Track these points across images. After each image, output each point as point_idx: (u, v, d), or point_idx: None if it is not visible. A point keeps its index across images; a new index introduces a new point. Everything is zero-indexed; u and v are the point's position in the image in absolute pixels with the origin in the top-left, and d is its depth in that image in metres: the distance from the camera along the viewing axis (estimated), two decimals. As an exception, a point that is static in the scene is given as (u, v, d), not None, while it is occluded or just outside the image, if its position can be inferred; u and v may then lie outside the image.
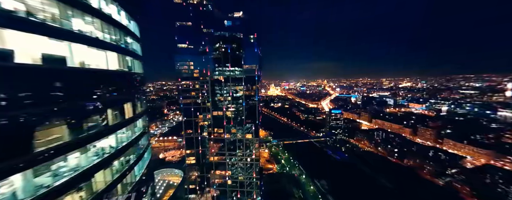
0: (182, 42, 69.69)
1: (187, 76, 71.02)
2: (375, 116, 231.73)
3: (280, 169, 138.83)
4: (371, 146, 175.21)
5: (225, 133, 64.50)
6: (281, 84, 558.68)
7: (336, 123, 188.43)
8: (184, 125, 73.34)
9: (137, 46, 23.86)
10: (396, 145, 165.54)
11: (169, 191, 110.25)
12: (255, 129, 64.08)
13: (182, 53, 70.35)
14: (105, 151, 15.74)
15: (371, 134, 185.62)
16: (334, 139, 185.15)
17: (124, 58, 19.16)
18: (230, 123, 63.77)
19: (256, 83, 61.99)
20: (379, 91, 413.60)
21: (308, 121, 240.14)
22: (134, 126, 20.86)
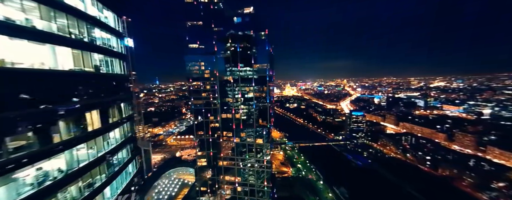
0: (193, 42, 66.86)
1: (198, 77, 68.12)
2: (402, 118, 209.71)
3: (295, 172, 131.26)
4: (398, 152, 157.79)
5: (234, 137, 60.09)
6: (297, 84, 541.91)
7: (357, 126, 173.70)
8: (195, 127, 70.73)
9: (116, 43, 20.21)
10: (428, 151, 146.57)
11: (184, 190, 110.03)
12: (266, 133, 58.54)
13: (193, 54, 67.57)
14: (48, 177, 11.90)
15: (398, 138, 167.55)
16: (355, 142, 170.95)
17: (88, 56, 15.37)
18: (240, 126, 59.13)
19: (267, 84, 56.37)
20: (407, 91, 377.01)
21: (326, 123, 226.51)
22: (106, 138, 17.09)
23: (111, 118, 17.89)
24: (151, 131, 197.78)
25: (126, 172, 19.92)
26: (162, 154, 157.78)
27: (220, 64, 60.01)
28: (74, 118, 13.61)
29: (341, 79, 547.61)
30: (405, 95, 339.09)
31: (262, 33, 55.69)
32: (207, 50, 63.31)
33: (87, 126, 14.73)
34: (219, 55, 59.22)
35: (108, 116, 17.38)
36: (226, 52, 57.92)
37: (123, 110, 20.35)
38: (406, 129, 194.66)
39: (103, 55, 17.44)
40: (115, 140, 18.44)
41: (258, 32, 55.65)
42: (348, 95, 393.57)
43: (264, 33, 55.59)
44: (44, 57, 11.98)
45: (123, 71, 21.34)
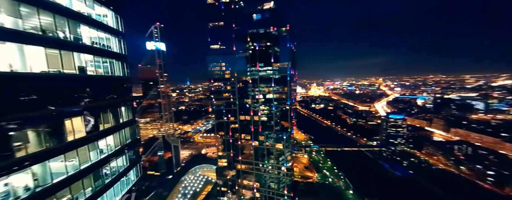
0: (214, 43, 66.26)
1: (219, 78, 67.30)
2: (454, 123, 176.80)
3: (320, 178, 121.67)
4: (449, 164, 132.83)
5: (252, 140, 56.90)
6: (324, 83, 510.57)
7: (395, 131, 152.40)
8: (216, 127, 70.19)
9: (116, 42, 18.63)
10: (490, 165, 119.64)
11: (208, 187, 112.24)
12: (286, 137, 53.56)
13: (214, 54, 66.89)
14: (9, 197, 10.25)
15: (448, 147, 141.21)
16: (392, 150, 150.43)
17: (70, 57, 13.73)
18: (259, 129, 55.63)
19: (288, 84, 51.36)
20: (460, 91, 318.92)
21: (357, 126, 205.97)
22: (94, 147, 15.42)
23: (102, 124, 16.32)
24: (181, 128, 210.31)
25: (123, 182, 18.35)
26: (189, 150, 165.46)
27: (239, 64, 57.56)
28: (47, 126, 12.00)
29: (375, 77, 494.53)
30: (458, 96, 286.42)
31: (283, 29, 50.93)
32: (227, 51, 61.82)
33: (66, 135, 13.12)
34: (238, 54, 56.71)
35: (98, 122, 15.77)
36: (244, 52, 55.05)
37: (123, 114, 18.82)
38: (460, 136, 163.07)
39: (94, 56, 15.92)
40: (108, 148, 16.92)
41: (279, 29, 51.11)
42: (384, 95, 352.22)
43: (285, 29, 50.69)
44: (9, 58, 10.40)
45: (123, 73, 19.80)
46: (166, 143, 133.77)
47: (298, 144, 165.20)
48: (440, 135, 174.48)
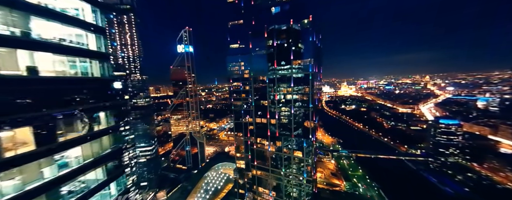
0: (233, 42, 62.92)
1: (237, 78, 63.80)
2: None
3: (350, 187, 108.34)
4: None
5: (269, 145, 51.44)
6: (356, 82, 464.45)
7: (447, 138, 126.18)
8: (235, 128, 67.18)
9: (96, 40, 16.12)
10: None
11: (229, 185, 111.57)
12: (307, 144, 46.23)
13: (234, 54, 63.64)
14: None
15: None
16: (441, 161, 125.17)
17: (13, 55, 11.24)
18: (276, 134, 49.74)
19: (311, 83, 43.98)
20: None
21: (396, 131, 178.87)
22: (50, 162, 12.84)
23: (64, 133, 13.84)
24: (207, 126, 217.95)
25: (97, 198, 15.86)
26: (214, 147, 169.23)
27: (256, 63, 52.39)
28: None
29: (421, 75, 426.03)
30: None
31: (305, 22, 43.52)
32: (246, 50, 57.77)
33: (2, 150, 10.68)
34: (254, 52, 51.69)
35: (56, 132, 13.26)
36: (261, 49, 49.84)
37: (102, 120, 16.37)
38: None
39: (56, 54, 13.49)
40: (77, 161, 14.49)
41: (300, 21, 44.02)
42: (431, 96, 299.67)
43: (308, 21, 43.24)
44: None
45: (103, 74, 17.31)
46: (192, 139, 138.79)
47: (325, 148, 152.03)
48: (510, 146, 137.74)
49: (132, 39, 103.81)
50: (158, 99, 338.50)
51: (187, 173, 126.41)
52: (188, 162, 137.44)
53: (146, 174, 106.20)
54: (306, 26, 43.68)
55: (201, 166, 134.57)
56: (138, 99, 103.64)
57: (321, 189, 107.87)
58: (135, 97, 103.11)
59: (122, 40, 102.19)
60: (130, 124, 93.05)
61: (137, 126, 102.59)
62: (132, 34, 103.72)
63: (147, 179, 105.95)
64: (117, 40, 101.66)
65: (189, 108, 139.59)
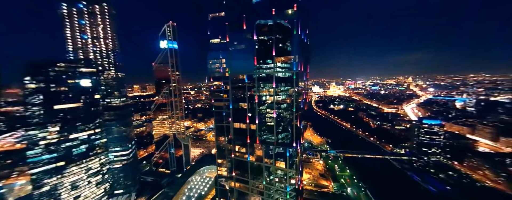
0: (214, 37, 55.90)
1: (219, 76, 57.11)
2: (504, 131, 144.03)
3: (337, 188, 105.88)
4: (500, 181, 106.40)
5: (248, 154, 45.49)
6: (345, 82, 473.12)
7: (430, 138, 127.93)
8: (216, 131, 60.55)
9: None
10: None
11: (213, 190, 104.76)
12: (291, 154, 40.74)
13: (215, 49, 56.66)
14: None
15: (498, 160, 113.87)
16: (425, 160, 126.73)
17: None
18: (256, 141, 43.76)
19: (295, 84, 38.44)
20: (510, 92, 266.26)
21: (381, 130, 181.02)
22: None
23: None
24: (195, 126, 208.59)
25: None
26: (201, 149, 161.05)
27: (234, 59, 45.96)
28: None
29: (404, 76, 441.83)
30: (507, 98, 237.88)
31: (289, 12, 38.00)
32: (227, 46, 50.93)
33: None
34: (232, 47, 45.16)
35: None
36: (240, 43, 43.51)
37: None
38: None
39: None
40: None
41: (283, 11, 38.22)
42: (414, 96, 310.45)
43: (292, 11, 37.69)
44: None
45: None
46: (177, 141, 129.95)
47: (313, 148, 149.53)
48: (487, 144, 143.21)
49: (105, 32, 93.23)
50: (144, 98, 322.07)
51: (170, 178, 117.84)
52: (171, 166, 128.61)
53: (123, 181, 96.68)
54: (291, 16, 37.91)
55: (186, 170, 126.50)
56: (113, 98, 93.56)
57: (309, 190, 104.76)
58: (109, 97, 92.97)
59: (94, 32, 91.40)
60: (102, 126, 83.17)
61: (111, 128, 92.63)
62: (106, 27, 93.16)
63: (123, 186, 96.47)
64: (88, 33, 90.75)
65: (173, 108, 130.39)
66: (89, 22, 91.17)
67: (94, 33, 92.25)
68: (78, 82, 74.51)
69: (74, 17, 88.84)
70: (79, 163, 75.87)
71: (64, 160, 72.04)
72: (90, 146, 79.05)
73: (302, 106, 43.87)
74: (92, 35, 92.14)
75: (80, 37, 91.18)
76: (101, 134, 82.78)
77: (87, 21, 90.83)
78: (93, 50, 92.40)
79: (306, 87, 48.70)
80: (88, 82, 79.34)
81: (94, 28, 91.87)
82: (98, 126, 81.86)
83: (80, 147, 76.24)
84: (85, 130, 77.89)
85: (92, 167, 79.31)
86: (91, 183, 78.85)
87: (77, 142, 74.72)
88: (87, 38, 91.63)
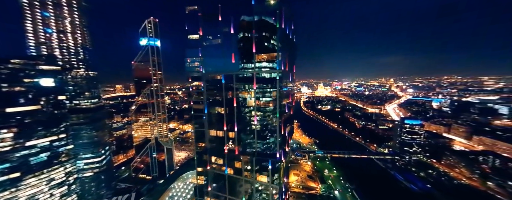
0: (193, 32, 49.54)
1: (199, 76, 50.95)
2: (476, 130, 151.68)
3: (325, 190, 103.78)
4: (474, 178, 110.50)
5: (226, 166, 39.95)
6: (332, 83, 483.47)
7: (411, 137, 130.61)
8: (195, 137, 54.31)
9: None
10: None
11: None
12: (274, 165, 35.52)
13: (194, 46, 50.32)
14: None
15: (472, 158, 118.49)
16: (407, 159, 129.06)
17: None
18: (234, 152, 38.25)
19: (279, 85, 33.55)
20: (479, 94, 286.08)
21: (366, 130, 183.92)
22: None
23: None
24: (181, 128, 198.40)
25: None
26: (186, 152, 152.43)
27: (209, 55, 40.11)
28: None
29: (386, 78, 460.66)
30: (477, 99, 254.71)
31: (271, 2, 33.09)
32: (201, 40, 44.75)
33: None
34: (207, 42, 39.42)
35: None
36: (215, 38, 37.94)
37: None
38: (484, 145, 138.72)
39: None
40: None
41: (265, 1, 33.16)
42: (395, 97, 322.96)
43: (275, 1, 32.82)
44: None
45: None
46: (159, 145, 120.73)
47: (302, 149, 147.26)
48: (461, 143, 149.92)
49: (74, 26, 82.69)
50: (126, 98, 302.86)
51: (151, 184, 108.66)
52: (153, 171, 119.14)
53: (95, 190, 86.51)
54: (273, 7, 32.90)
55: (169, 175, 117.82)
56: (83, 100, 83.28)
57: (297, 193, 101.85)
58: (78, 98, 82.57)
59: (60, 26, 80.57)
60: (69, 130, 73.11)
61: (80, 133, 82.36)
62: (74, 20, 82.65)
63: (95, 196, 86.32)
64: (53, 27, 79.79)
65: (155, 110, 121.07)
66: (54, 14, 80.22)
67: (60, 27, 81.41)
68: (37, 81, 64.30)
69: (36, 8, 77.55)
70: (39, 174, 65.53)
71: (19, 171, 61.63)
72: (53, 153, 68.84)
73: (287, 110, 39.24)
74: (58, 29, 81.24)
75: (44, 31, 79.91)
76: (67, 139, 72.64)
77: (51, 13, 79.84)
78: (59, 46, 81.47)
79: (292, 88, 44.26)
80: (51, 81, 69.20)
81: (60, 21, 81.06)
82: (64, 130, 71.74)
83: (40, 155, 65.94)
84: (47, 136, 67.61)
85: (55, 178, 69.06)
86: (54, 196, 68.64)
87: (36, 150, 64.41)
88: (52, 32, 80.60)
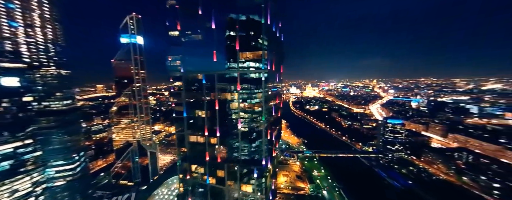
0: (174, 29, 45.99)
1: (180, 76, 47.38)
2: (451, 128, 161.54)
3: (313, 190, 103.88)
4: (451, 174, 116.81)
5: (207, 175, 36.84)
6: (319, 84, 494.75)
7: (394, 136, 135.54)
8: (177, 142, 50.64)
9: None
10: (494, 176, 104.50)
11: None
12: (260, 174, 32.93)
13: (175, 44, 46.72)
14: None
15: (448, 155, 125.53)
16: (390, 157, 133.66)
17: None
18: (216, 159, 35.21)
19: (265, 86, 31.23)
20: (452, 94, 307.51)
21: (352, 130, 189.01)
22: None
23: None
24: (167, 130, 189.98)
25: None
26: (173, 155, 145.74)
27: (188, 54, 36.94)
28: None
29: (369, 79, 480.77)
30: (450, 99, 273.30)
31: None
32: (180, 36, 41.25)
33: None
34: (185, 38, 36.26)
35: None
36: (194, 33, 34.92)
37: None
38: (458, 142, 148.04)
39: None
40: None
41: None
42: (378, 97, 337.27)
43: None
44: None
45: None
46: (142, 149, 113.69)
47: (291, 150, 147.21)
48: (438, 140, 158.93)
49: (43, 19, 74.69)
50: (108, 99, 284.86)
51: (132, 191, 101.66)
52: (136, 177, 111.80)
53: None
54: (257, 1, 30.48)
55: (153, 180, 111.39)
56: (53, 101, 75.40)
57: (286, 194, 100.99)
58: (47, 99, 74.60)
59: (27, 20, 72.31)
60: (36, 135, 65.56)
61: (51, 138, 74.48)
62: (44, 13, 74.70)
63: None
64: (19, 20, 71.41)
65: (137, 112, 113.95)
66: (20, 6, 71.87)
67: (27, 20, 73.15)
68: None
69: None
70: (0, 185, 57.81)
71: (-27, 183, 53.93)
72: (18, 161, 61.31)
73: (274, 112, 37.17)
74: (25, 23, 72.92)
75: (8, 24, 71.25)
76: (35, 145, 65.12)
77: (17, 4, 71.43)
78: (26, 42, 73.13)
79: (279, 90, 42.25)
80: (15, 80, 61.88)
81: (28, 14, 72.84)
82: (30, 135, 64.25)
83: (2, 163, 58.32)
84: (10, 142, 60.07)
85: (19, 189, 61.40)
86: (18, 209, 60.99)
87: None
88: (18, 26, 72.13)
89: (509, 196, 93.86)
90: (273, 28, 33.94)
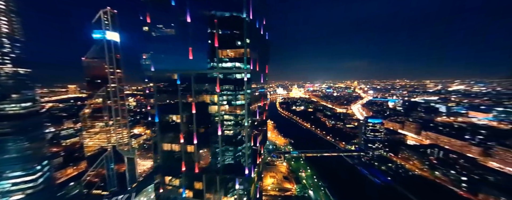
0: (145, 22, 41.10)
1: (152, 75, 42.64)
2: (424, 126, 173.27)
3: (300, 190, 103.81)
4: (425, 169, 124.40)
5: (183, 188, 32.74)
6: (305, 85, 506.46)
7: (374, 135, 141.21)
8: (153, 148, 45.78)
9: None
10: (461, 169, 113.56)
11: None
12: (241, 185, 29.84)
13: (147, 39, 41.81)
14: None
15: (422, 151, 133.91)
16: (370, 154, 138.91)
17: None
18: (194, 170, 31.29)
19: (247, 88, 28.24)
20: (423, 95, 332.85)
21: (335, 129, 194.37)
22: None
23: None
24: (147, 133, 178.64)
25: None
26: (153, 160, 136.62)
27: (159, 50, 32.70)
28: None
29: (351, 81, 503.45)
30: (422, 99, 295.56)
31: None
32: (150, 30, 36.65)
33: None
34: (156, 32, 32.21)
35: None
36: (167, 26, 31.11)
37: None
38: (430, 139, 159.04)
39: None
40: None
41: None
42: (359, 98, 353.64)
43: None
44: None
45: None
46: (118, 155, 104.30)
47: (278, 151, 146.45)
48: (413, 138, 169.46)
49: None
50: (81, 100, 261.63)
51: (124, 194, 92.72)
52: (111, 185, 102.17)
53: (27, 216, 68.42)
54: None
55: (130, 188, 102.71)
56: (9, 104, 65.25)
57: (273, 196, 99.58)
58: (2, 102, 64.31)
59: (-26, 11, 61.73)
60: (-16, 144, 55.92)
61: (6, 146, 64.25)
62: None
63: (28, 223, 68.30)
64: (-37, 10, 60.64)
65: (113, 114, 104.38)
66: (-36, -6, 61.20)
67: (-27, 11, 62.50)
68: None
69: None
70: None
71: None
72: (-41, 175, 51.59)
73: (258, 115, 34.67)
74: (-29, 14, 62.24)
75: None
76: (-18, 155, 55.51)
77: (-40, -8, 60.75)
78: (-28, 35, 62.42)
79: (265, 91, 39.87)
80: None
81: (-26, 3, 62.30)
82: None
83: None
84: None
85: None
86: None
87: None
88: (-39, 16, 61.34)
89: (473, 187, 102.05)
90: (257, 24, 31.53)
